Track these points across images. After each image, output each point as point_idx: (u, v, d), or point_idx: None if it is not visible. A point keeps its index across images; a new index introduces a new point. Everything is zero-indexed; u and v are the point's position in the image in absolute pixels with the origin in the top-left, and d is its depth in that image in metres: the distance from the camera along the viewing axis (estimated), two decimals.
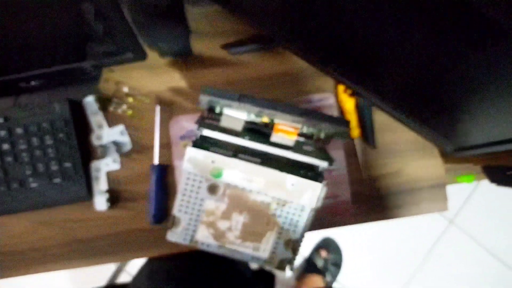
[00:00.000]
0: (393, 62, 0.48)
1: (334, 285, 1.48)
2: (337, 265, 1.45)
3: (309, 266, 1.41)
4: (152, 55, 0.67)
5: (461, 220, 1.53)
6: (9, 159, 0.66)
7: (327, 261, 1.42)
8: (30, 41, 0.61)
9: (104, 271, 1.48)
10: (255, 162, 0.53)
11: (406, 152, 0.67)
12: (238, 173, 0.53)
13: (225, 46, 0.68)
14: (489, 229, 1.52)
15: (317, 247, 1.47)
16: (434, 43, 0.39)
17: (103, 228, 0.68)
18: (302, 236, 0.56)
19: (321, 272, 1.39)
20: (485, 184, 0.85)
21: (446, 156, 0.66)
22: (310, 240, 1.51)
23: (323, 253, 1.43)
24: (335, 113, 0.67)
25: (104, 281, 1.46)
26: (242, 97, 0.54)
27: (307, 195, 0.53)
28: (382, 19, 0.42)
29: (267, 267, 0.57)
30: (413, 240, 1.53)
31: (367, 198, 0.67)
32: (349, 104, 0.65)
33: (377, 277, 1.53)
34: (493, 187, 0.74)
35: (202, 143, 0.55)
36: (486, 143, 0.46)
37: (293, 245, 0.56)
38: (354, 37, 0.49)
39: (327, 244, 1.46)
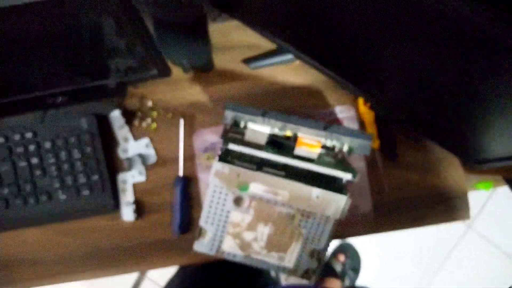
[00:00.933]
0: (411, 76, 0.49)
1: None
2: (356, 270, 1.45)
3: (327, 270, 1.42)
4: (175, 70, 0.69)
5: (479, 224, 1.52)
6: (38, 172, 0.68)
7: (345, 265, 1.42)
8: (56, 58, 0.63)
9: (122, 280, 1.50)
10: (280, 175, 0.54)
11: (427, 162, 0.68)
12: (263, 186, 0.55)
13: (246, 61, 0.69)
14: (507, 233, 1.51)
15: (336, 252, 1.47)
16: (451, 57, 0.40)
17: (129, 238, 0.70)
18: (327, 246, 0.57)
19: (339, 276, 1.39)
20: (502, 189, 0.86)
21: (467, 167, 0.67)
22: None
23: (341, 258, 1.44)
24: (355, 124, 0.68)
25: None
26: (266, 112, 0.55)
27: (331, 207, 0.54)
28: (397, 37, 0.43)
29: (293, 277, 0.58)
30: (431, 245, 1.53)
31: (389, 208, 0.68)
32: (369, 116, 0.66)
33: (395, 282, 1.53)
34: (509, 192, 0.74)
35: (228, 157, 0.56)
36: (508, 157, 0.47)
37: (318, 255, 0.57)
38: (368, 51, 0.51)
39: (346, 249, 1.47)
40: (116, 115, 0.69)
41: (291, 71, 0.70)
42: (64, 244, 0.70)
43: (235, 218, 0.56)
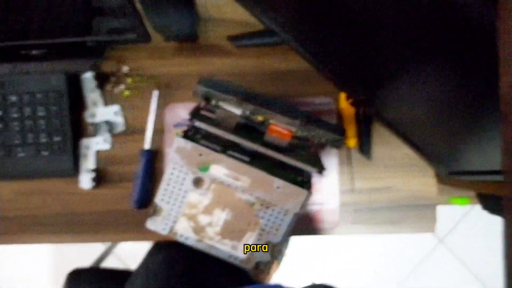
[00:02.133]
0: (398, 80, 0.46)
1: None
2: None
3: None
4: (157, 38, 0.66)
5: (450, 240, 1.51)
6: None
7: None
8: (37, 9, 0.60)
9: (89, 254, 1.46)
10: (244, 161, 0.52)
11: (400, 167, 0.66)
12: (224, 170, 0.52)
13: (231, 38, 0.66)
14: (478, 253, 1.51)
15: None
16: (436, 67, 0.38)
17: (87, 205, 0.67)
18: (284, 240, 0.54)
19: None
20: (479, 209, 0.84)
21: (440, 177, 0.64)
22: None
23: None
24: (334, 119, 0.65)
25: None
26: (238, 93, 0.52)
27: (292, 200, 0.52)
28: (395, 41, 0.40)
29: (243, 267, 0.56)
30: (401, 254, 1.52)
31: (355, 209, 0.66)
32: (349, 112, 0.63)
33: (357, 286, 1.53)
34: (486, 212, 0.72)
35: (193, 135, 0.54)
36: (480, 171, 0.45)
37: (272, 249, 0.55)
38: (363, 49, 0.48)
39: None
40: (88, 77, 0.66)
41: (276, 54, 0.67)
42: (21, 203, 0.68)
43: (193, 199, 0.54)
